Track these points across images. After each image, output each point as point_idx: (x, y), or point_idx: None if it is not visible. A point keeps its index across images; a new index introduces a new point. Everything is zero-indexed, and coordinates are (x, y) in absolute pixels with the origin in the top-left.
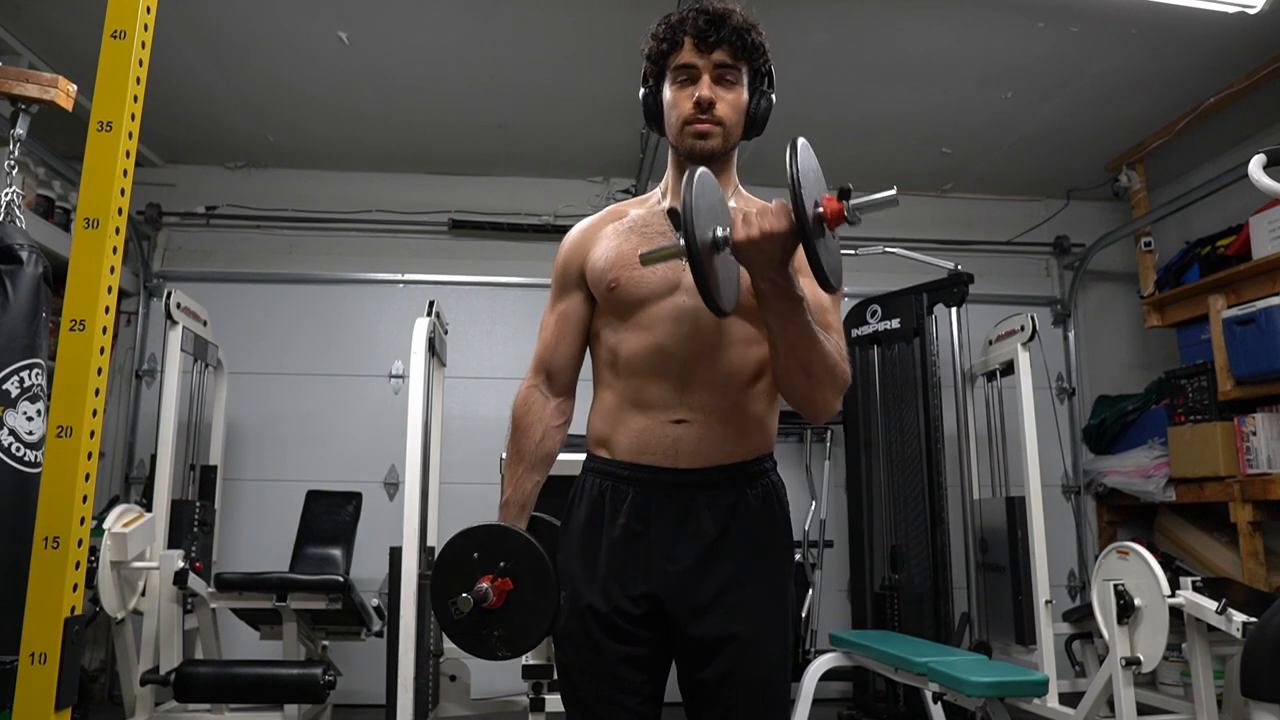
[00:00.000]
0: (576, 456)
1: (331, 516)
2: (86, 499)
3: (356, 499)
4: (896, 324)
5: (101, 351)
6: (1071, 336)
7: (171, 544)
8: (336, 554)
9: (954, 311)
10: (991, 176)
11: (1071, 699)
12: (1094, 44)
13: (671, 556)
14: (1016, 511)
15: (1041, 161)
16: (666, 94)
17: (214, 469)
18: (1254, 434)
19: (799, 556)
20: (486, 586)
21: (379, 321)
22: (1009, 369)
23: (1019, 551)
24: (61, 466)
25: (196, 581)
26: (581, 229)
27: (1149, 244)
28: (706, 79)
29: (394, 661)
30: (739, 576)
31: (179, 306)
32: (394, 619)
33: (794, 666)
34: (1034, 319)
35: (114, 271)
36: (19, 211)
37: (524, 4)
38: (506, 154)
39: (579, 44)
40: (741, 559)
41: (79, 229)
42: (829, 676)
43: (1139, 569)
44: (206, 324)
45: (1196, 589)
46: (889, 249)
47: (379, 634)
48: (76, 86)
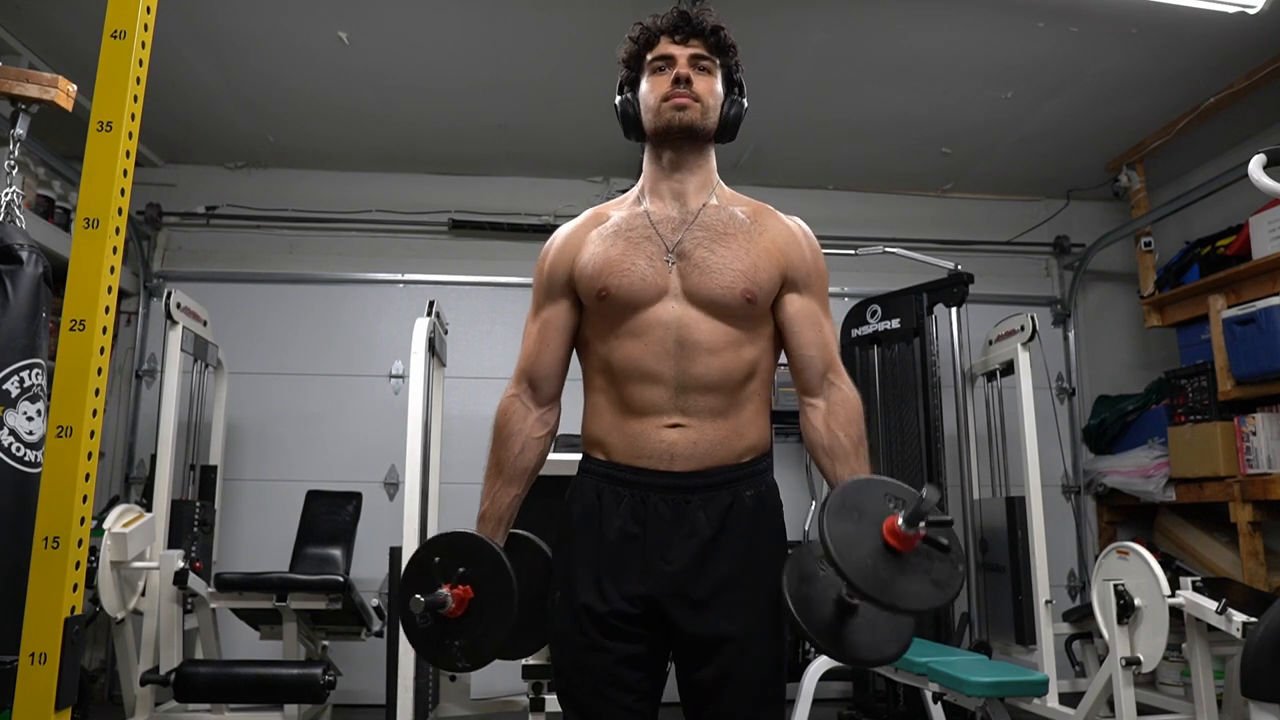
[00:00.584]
0: (573, 456)
1: (331, 516)
2: (86, 499)
3: (356, 499)
4: (896, 324)
5: (101, 351)
6: (1071, 336)
7: (171, 544)
8: (336, 554)
9: (954, 311)
10: (991, 176)
11: (1071, 699)
12: (1094, 44)
13: (667, 557)
14: (1016, 511)
15: (1041, 161)
16: (644, 85)
17: (214, 469)
18: (1254, 434)
19: (784, 571)
20: (446, 593)
21: (379, 321)
22: (1009, 369)
23: (1019, 551)
24: (61, 466)
25: (196, 581)
26: (565, 235)
27: (1149, 244)
28: (684, 61)
29: (394, 661)
30: (734, 577)
31: (179, 306)
32: (394, 619)
33: (793, 666)
34: (1034, 319)
35: (114, 271)
36: (19, 211)
37: (524, 4)
38: (506, 154)
39: (579, 44)
40: (737, 559)
41: (79, 229)
42: (829, 676)
43: (1139, 569)
44: (206, 324)
45: (1196, 589)
46: (889, 249)
47: (379, 634)
48: (76, 86)
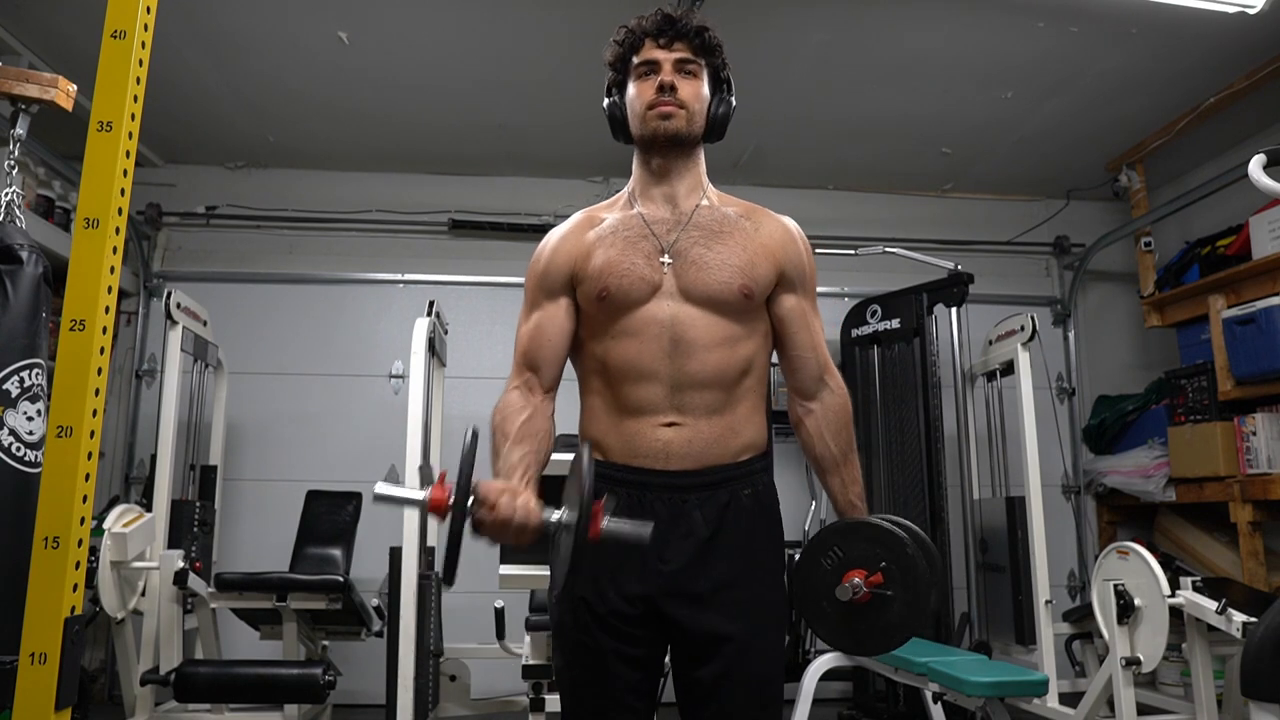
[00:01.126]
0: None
1: (331, 516)
2: (86, 499)
3: (356, 499)
4: (896, 324)
5: (101, 351)
6: (1071, 336)
7: (171, 544)
8: (336, 554)
9: (954, 311)
10: (991, 176)
11: (1071, 699)
12: (1094, 44)
13: (664, 557)
14: (1016, 511)
15: (1041, 161)
16: (630, 90)
17: (214, 469)
18: (1254, 434)
19: (795, 565)
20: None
21: (379, 321)
22: (1009, 369)
23: (1019, 551)
24: (61, 466)
25: (196, 581)
26: (561, 235)
27: (1149, 244)
28: (668, 67)
29: (394, 661)
30: (732, 576)
31: (179, 306)
32: (394, 619)
33: (793, 666)
34: (1034, 319)
35: (114, 271)
36: (19, 211)
37: (524, 4)
38: (506, 154)
39: (579, 43)
40: (734, 559)
41: (79, 229)
42: (829, 676)
43: (1139, 569)
44: (206, 324)
45: (1196, 589)
46: (889, 249)
47: (379, 634)
48: (76, 86)
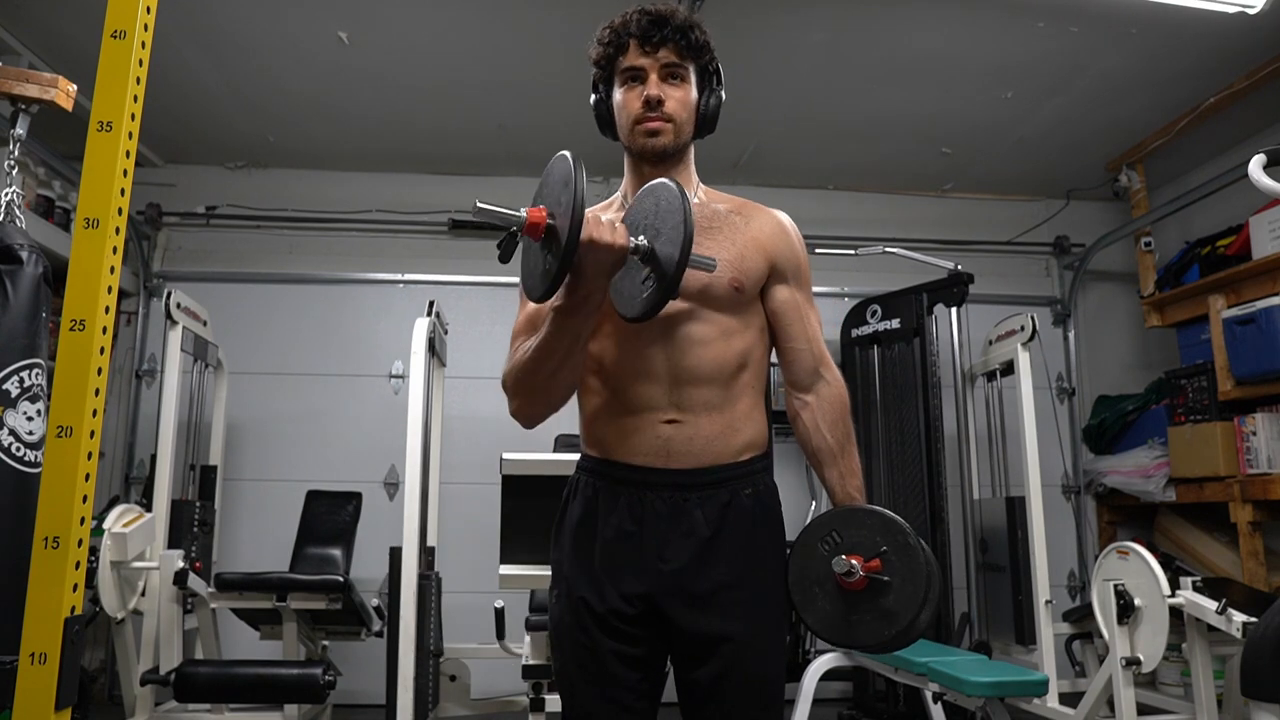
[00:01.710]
0: (570, 456)
1: (331, 516)
2: (86, 499)
3: (356, 499)
4: (896, 324)
5: (101, 351)
6: (1071, 336)
7: (171, 544)
8: (336, 554)
9: (954, 311)
10: (991, 176)
11: (1071, 699)
12: (1094, 44)
13: (664, 556)
14: (1016, 511)
15: (1041, 161)
16: (617, 96)
17: (214, 469)
18: (1254, 434)
19: (791, 550)
20: (856, 564)
21: (379, 321)
22: (1009, 369)
23: (1019, 551)
24: (61, 466)
25: (196, 581)
26: None
27: (1149, 244)
28: (654, 78)
29: (394, 661)
30: (733, 576)
31: (179, 306)
32: (394, 619)
33: (793, 666)
34: (1034, 319)
35: (114, 271)
36: (19, 211)
37: (523, 4)
38: (506, 154)
39: (579, 44)
40: (735, 559)
41: (79, 229)
42: (829, 676)
43: (1139, 569)
44: (206, 324)
45: (1196, 589)
46: (889, 249)
47: (379, 634)
48: (76, 86)
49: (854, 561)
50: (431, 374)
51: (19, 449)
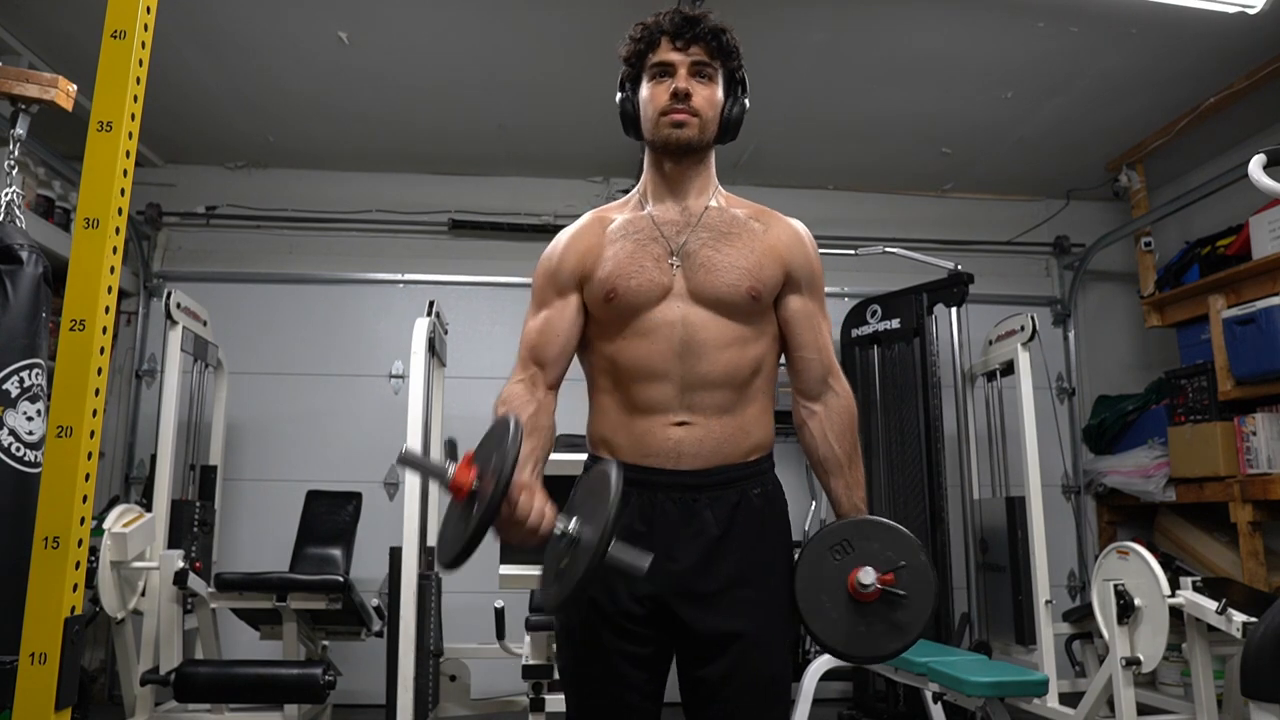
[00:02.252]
0: (574, 457)
1: (331, 516)
2: (86, 499)
3: (356, 499)
4: (896, 324)
5: (101, 351)
6: (1071, 336)
7: (171, 544)
8: (336, 554)
9: (954, 311)
10: (991, 176)
11: (1071, 699)
12: (1094, 44)
13: (674, 556)
14: (1016, 511)
15: (1041, 161)
16: (644, 91)
17: (214, 469)
18: (1254, 434)
19: (799, 556)
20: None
21: (379, 321)
22: (1009, 369)
23: (1019, 551)
24: (61, 466)
25: (196, 581)
26: (571, 235)
27: (1149, 244)
28: (683, 72)
29: (394, 661)
30: (741, 575)
31: (179, 306)
32: (394, 619)
33: (794, 666)
34: (1034, 319)
35: (114, 271)
36: (19, 211)
37: (524, 4)
38: (506, 154)
39: (578, 44)
40: (744, 558)
41: (79, 229)
42: (829, 676)
43: (1139, 569)
44: (206, 324)
45: (1196, 589)
46: (889, 249)
47: (379, 634)
48: (76, 86)
49: (872, 572)
50: (431, 374)
51: (19, 449)
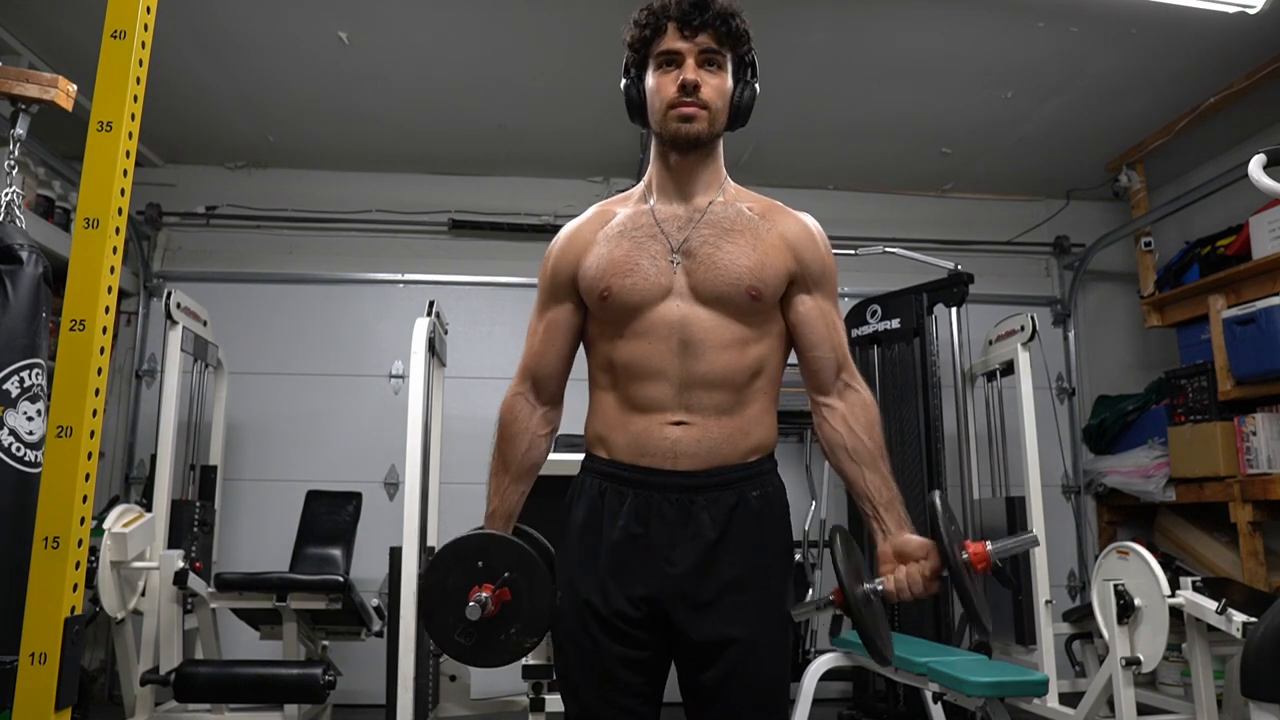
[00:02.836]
0: (574, 457)
1: (331, 516)
2: (86, 499)
3: (356, 499)
4: (896, 324)
5: (101, 351)
6: (1071, 336)
7: (171, 544)
8: (336, 554)
9: (954, 311)
10: (991, 176)
11: (1071, 699)
12: (1094, 44)
13: (671, 559)
14: (1016, 511)
15: (1041, 161)
16: (650, 81)
17: (214, 469)
18: (1254, 434)
19: (798, 556)
20: (486, 596)
21: (379, 321)
22: (1009, 369)
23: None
24: (61, 466)
25: (196, 581)
26: (568, 234)
27: (1149, 244)
28: (691, 63)
29: (394, 661)
30: (739, 578)
31: (179, 306)
32: (394, 619)
33: (794, 667)
34: (1034, 319)
35: (114, 271)
36: (19, 211)
37: (524, 5)
38: (506, 154)
39: (578, 44)
40: (742, 561)
41: (79, 229)
42: (829, 676)
43: (1139, 569)
44: (206, 324)
45: (1196, 589)
46: (889, 249)
47: (379, 634)
48: (76, 86)
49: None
50: (431, 374)
51: (19, 449)
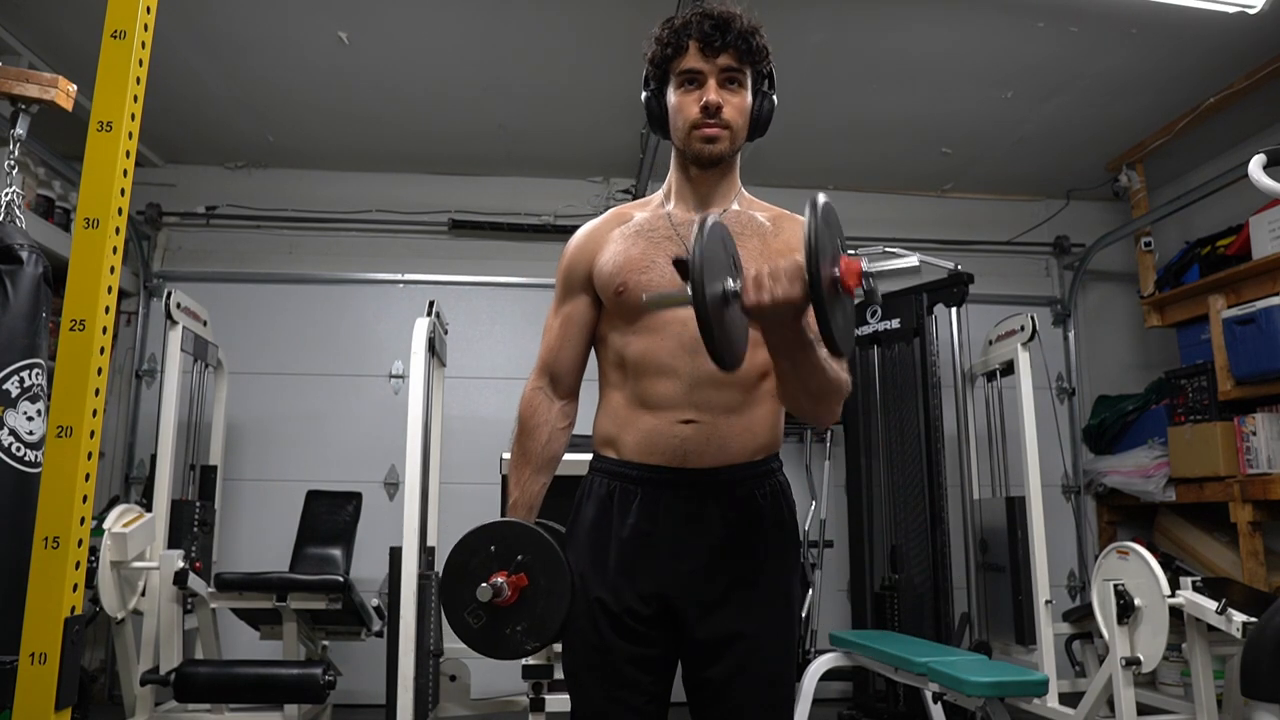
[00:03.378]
0: (583, 456)
1: (331, 516)
2: (86, 499)
3: (356, 499)
4: (896, 324)
5: (101, 351)
6: (1071, 336)
7: (171, 544)
8: (336, 554)
9: (954, 311)
10: (991, 176)
11: (1071, 699)
12: (1094, 44)
13: (680, 556)
14: (1016, 511)
15: (1041, 161)
16: (672, 98)
17: (214, 469)
18: (1254, 434)
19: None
20: (501, 581)
21: (379, 321)
22: (1009, 369)
23: (1019, 551)
24: (61, 466)
25: (196, 581)
26: (587, 232)
27: (1149, 244)
28: (713, 83)
29: (394, 661)
30: (747, 576)
31: (179, 306)
32: (394, 619)
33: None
34: (1034, 319)
35: (114, 271)
36: (19, 211)
37: (524, 5)
38: (506, 154)
39: (579, 45)
40: (750, 558)
41: (79, 229)
42: (829, 676)
43: (1139, 569)
44: (206, 324)
45: (1196, 589)
46: (889, 249)
47: (379, 634)
48: (76, 86)
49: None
50: (431, 374)
51: (19, 449)
